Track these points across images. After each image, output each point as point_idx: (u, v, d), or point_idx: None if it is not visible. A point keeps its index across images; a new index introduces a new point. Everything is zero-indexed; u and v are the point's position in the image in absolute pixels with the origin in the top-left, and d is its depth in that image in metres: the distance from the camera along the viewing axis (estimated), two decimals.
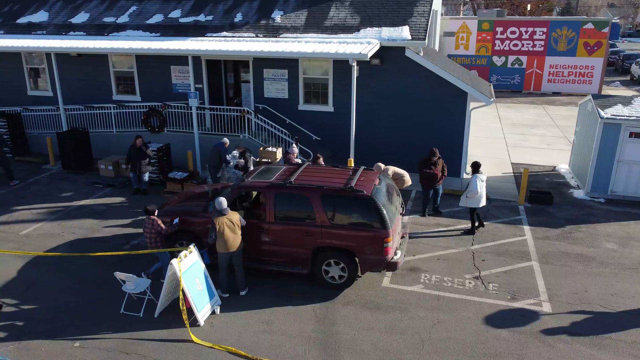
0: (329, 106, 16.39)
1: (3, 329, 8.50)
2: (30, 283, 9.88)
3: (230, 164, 13.74)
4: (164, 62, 17.47)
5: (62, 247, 11.33)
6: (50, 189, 14.89)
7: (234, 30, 16.55)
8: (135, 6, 18.52)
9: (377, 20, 15.75)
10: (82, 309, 9.04)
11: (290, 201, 9.51)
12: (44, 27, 18.54)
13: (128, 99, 18.22)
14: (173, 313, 8.84)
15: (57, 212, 13.23)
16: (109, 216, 13.03)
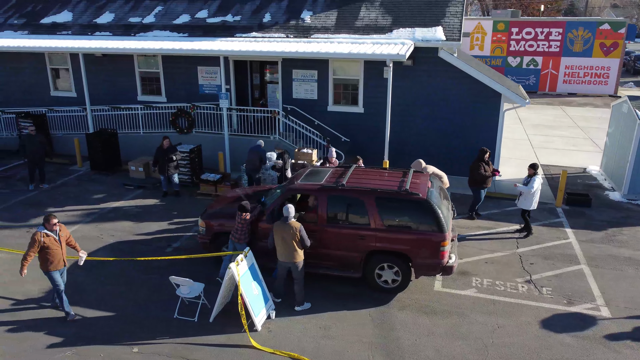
0: (359, 107, 16.26)
1: (59, 334, 8.36)
2: (78, 287, 9.73)
3: (267, 165, 13.62)
4: (190, 63, 17.34)
5: (103, 250, 11.19)
6: (80, 190, 14.75)
7: (263, 31, 16.42)
8: (160, 6, 18.39)
9: (409, 21, 15.62)
10: (135, 313, 8.90)
11: (343, 204, 9.39)
12: (68, 28, 18.40)
13: (153, 100, 18.08)
14: (227, 318, 8.71)
15: (92, 214, 13.09)
16: (145, 218, 12.89)
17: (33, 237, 8.20)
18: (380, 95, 15.81)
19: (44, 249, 8.24)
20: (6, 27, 19.11)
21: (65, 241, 8.58)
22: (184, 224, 12.57)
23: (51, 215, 8.33)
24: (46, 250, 8.26)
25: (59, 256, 8.41)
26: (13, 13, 19.73)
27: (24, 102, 19.41)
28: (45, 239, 8.23)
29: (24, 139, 14.11)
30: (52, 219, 8.30)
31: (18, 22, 19.21)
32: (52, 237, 8.31)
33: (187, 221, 12.70)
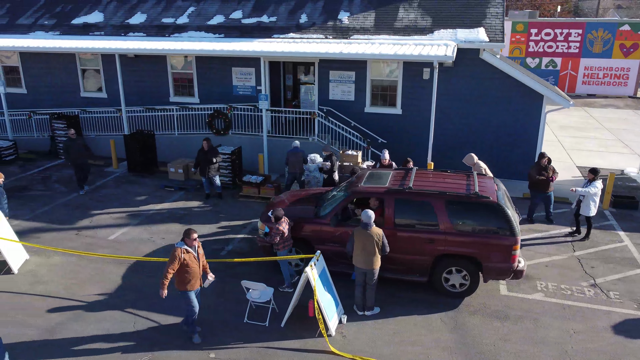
0: (397, 108, 16.17)
1: (132, 339, 8.26)
2: (141, 291, 9.63)
3: (309, 166, 13.55)
4: (225, 64, 17.23)
5: (158, 253, 11.09)
6: (121, 192, 14.64)
7: (301, 32, 16.32)
8: (193, 7, 18.29)
9: (449, 22, 15.54)
10: (206, 318, 8.79)
11: (411, 207, 9.29)
12: (100, 28, 18.29)
13: (185, 101, 17.98)
14: (298, 322, 8.62)
15: (138, 217, 12.98)
16: (192, 221, 12.78)
17: (173, 253, 7.52)
18: (419, 97, 15.74)
19: (183, 266, 7.58)
20: (37, 27, 18.99)
21: (202, 259, 7.94)
22: (232, 226, 12.47)
23: (191, 230, 7.64)
24: (185, 267, 7.60)
25: (196, 275, 7.74)
26: (42, 14, 19.61)
27: (54, 103, 19.30)
28: (185, 255, 7.57)
29: (66, 143, 13.98)
30: (192, 233, 7.61)
31: (49, 22, 19.10)
32: (191, 253, 7.68)
33: (235, 224, 12.59)
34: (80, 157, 14.00)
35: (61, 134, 17.53)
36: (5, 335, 8.35)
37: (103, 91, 18.91)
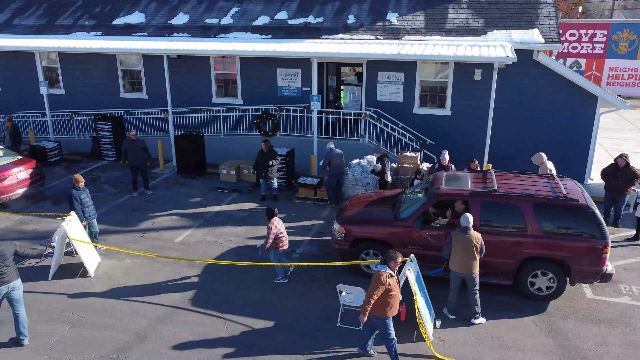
0: (446, 110, 16.08)
1: (230, 344, 8.17)
2: (223, 294, 9.54)
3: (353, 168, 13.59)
4: (270, 65, 17.16)
5: (229, 256, 11.00)
6: (173, 194, 14.55)
7: (350, 33, 16.24)
8: (236, 7, 18.21)
9: (502, 23, 15.46)
10: (295, 322, 8.71)
11: (496, 210, 9.21)
12: (143, 29, 18.20)
13: (228, 102, 17.90)
14: (396, 327, 8.49)
15: (198, 219, 12.89)
16: (253, 222, 12.71)
17: (378, 278, 7.09)
18: (470, 98, 15.67)
19: (387, 291, 7.16)
20: (77, 28, 18.91)
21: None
22: (296, 227, 12.38)
23: (397, 254, 7.27)
24: (388, 292, 7.19)
25: (398, 300, 7.38)
26: (81, 14, 19.53)
27: (92, 103, 19.21)
28: (390, 279, 7.18)
29: (126, 144, 13.88)
30: (398, 257, 7.25)
31: (89, 23, 19.02)
32: (395, 277, 7.30)
33: (297, 225, 12.51)
34: (138, 160, 13.90)
35: (105, 135, 17.44)
36: (102, 338, 8.26)
37: (143, 92, 18.83)
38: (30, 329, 8.49)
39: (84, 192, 10.47)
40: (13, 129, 16.35)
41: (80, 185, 10.33)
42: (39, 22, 19.64)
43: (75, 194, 10.24)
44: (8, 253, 7.81)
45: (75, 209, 10.21)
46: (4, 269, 7.74)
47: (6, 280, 7.78)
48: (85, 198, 10.41)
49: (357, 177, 13.75)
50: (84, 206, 10.39)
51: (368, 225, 9.86)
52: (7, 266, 7.77)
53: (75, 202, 10.21)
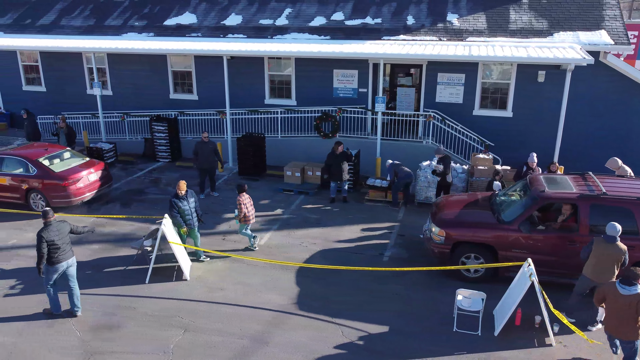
0: (507, 111, 15.99)
1: (348, 348, 8.06)
2: (325, 298, 9.43)
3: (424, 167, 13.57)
4: (326, 66, 17.06)
5: (319, 259, 10.89)
6: (234, 196, 14.37)
7: (411, 34, 16.16)
8: (289, 8, 18.12)
9: (566, 24, 15.38)
10: (408, 327, 8.61)
11: (606, 213, 9.09)
12: (195, 29, 18.11)
13: (281, 103, 17.81)
14: (504, 331, 8.40)
15: (273, 221, 12.79)
16: (330, 224, 12.61)
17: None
18: (532, 99, 15.58)
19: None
20: (127, 28, 18.82)
21: None
22: (373, 229, 12.28)
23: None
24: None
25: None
26: (130, 15, 19.43)
27: (140, 104, 19.11)
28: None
29: (197, 146, 13.76)
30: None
31: (139, 24, 18.92)
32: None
33: (375, 227, 12.40)
34: (208, 162, 13.79)
35: (161, 136, 17.33)
36: (219, 343, 8.15)
37: (194, 93, 18.73)
38: (145, 333, 8.40)
39: (186, 199, 10.13)
40: (68, 129, 16.22)
41: (181, 193, 10.06)
42: (87, 22, 19.55)
43: (175, 201, 10.01)
44: (66, 230, 8.47)
45: (173, 216, 10.01)
46: (64, 246, 8.40)
47: (66, 257, 8.47)
48: (186, 205, 10.11)
49: (429, 179, 13.64)
50: (184, 214, 10.10)
51: (470, 228, 9.76)
52: (65, 243, 8.43)
53: (172, 208, 10.00)
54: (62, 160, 13.63)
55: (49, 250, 8.24)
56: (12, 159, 13.33)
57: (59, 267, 8.43)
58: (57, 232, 8.32)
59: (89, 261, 10.78)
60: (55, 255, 8.31)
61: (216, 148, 13.87)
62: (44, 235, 8.19)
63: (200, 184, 14.19)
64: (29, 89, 20.81)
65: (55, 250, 8.29)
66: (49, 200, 12.97)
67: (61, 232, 8.38)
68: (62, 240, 8.37)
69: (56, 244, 8.27)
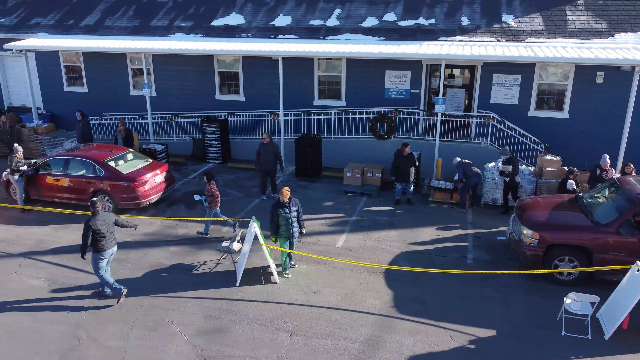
0: (563, 113, 15.94)
1: (461, 352, 7.99)
2: (422, 302, 9.36)
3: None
4: (378, 67, 17.00)
5: (402, 261, 10.83)
6: (302, 197, 14.35)
7: (468, 34, 16.10)
8: (338, 9, 18.05)
9: (626, 25, 15.33)
10: (515, 330, 8.55)
11: None
12: (245, 30, 18.03)
13: (331, 104, 17.74)
14: (618, 335, 8.34)
15: (344, 223, 12.73)
16: (402, 226, 12.57)
17: None
18: (589, 101, 15.52)
19: None
20: (175, 29, 18.73)
21: None
22: (449, 232, 12.22)
23: None
24: None
25: None
26: (175, 16, 19.34)
27: (184, 105, 19.03)
28: None
29: (259, 148, 13.67)
30: None
31: (186, 24, 18.84)
32: None
33: (450, 229, 12.35)
34: (269, 163, 13.67)
35: (212, 137, 17.25)
36: (332, 347, 8.07)
37: (240, 94, 18.66)
38: (253, 337, 8.32)
39: (288, 207, 9.78)
40: (126, 132, 16.13)
41: (284, 200, 9.76)
42: (132, 23, 19.45)
43: (275, 208, 9.78)
44: (111, 221, 9.13)
45: (270, 224, 9.80)
46: (109, 235, 9.01)
47: (111, 245, 9.08)
48: (287, 214, 9.86)
49: (497, 181, 13.58)
50: (285, 222, 9.76)
51: (566, 231, 9.69)
52: (110, 232, 9.04)
53: (272, 216, 9.73)
54: (126, 161, 13.55)
55: (96, 238, 8.81)
56: (78, 161, 13.25)
57: (105, 254, 9.00)
58: (103, 222, 8.89)
59: (174, 264, 10.70)
60: (101, 243, 8.87)
61: (277, 150, 13.77)
62: (91, 224, 8.76)
63: (262, 186, 14.11)
64: (70, 90, 20.71)
65: (102, 239, 8.86)
66: (117, 201, 12.88)
67: (107, 222, 8.98)
68: (108, 230, 8.95)
69: (102, 233, 8.83)
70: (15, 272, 10.37)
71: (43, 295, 9.53)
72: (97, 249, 8.91)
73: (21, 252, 11.22)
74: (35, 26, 20.33)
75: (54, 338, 8.31)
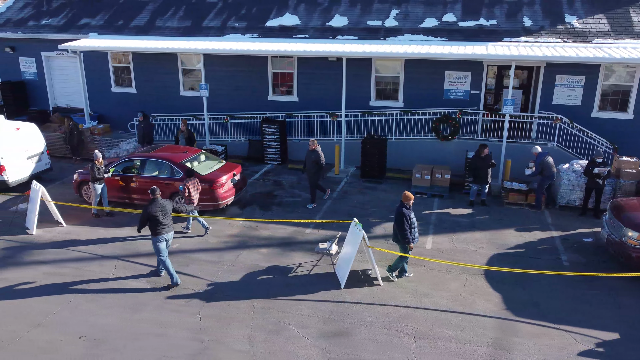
0: (628, 114, 15.89)
1: (592, 356, 7.93)
2: (536, 305, 9.30)
3: None
4: (437, 68, 16.94)
5: (497, 262, 10.78)
6: (370, 199, 14.35)
7: (532, 35, 16.06)
8: (395, 9, 18.01)
9: None
10: (636, 332, 8.47)
11: None
12: (301, 31, 17.97)
13: (387, 105, 17.69)
14: None
15: (426, 225, 12.67)
16: (485, 228, 12.52)
17: None
18: None
19: None
20: (229, 30, 18.68)
21: None
22: (533, 233, 12.15)
23: None
24: None
25: None
26: (228, 16, 19.29)
27: (234, 106, 18.94)
28: None
29: (306, 154, 13.44)
30: None
31: (239, 25, 18.79)
32: None
33: (532, 230, 12.29)
34: (309, 171, 13.39)
35: (271, 138, 17.19)
36: (461, 351, 8.01)
37: (294, 95, 18.60)
38: (378, 340, 8.26)
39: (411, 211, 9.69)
40: (189, 133, 16.06)
41: (410, 204, 9.69)
42: (183, 24, 19.39)
43: (407, 212, 9.66)
44: (169, 209, 9.75)
45: (404, 230, 9.61)
46: (166, 221, 9.61)
47: (167, 231, 9.67)
48: (414, 218, 9.67)
49: (574, 182, 13.53)
50: (412, 226, 9.68)
51: None
52: (168, 219, 9.64)
53: (405, 221, 9.64)
54: (200, 163, 13.48)
55: (154, 223, 9.43)
56: (155, 162, 13.18)
57: (161, 238, 9.59)
58: (161, 209, 9.53)
59: (270, 266, 10.63)
60: (158, 228, 9.49)
61: (318, 159, 13.17)
62: (149, 210, 9.42)
63: (315, 189, 13.82)
64: (118, 90, 20.65)
65: (158, 224, 9.47)
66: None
67: (165, 209, 9.61)
68: (165, 217, 9.56)
69: (159, 219, 9.45)
70: (112, 274, 10.30)
71: (150, 298, 9.45)
72: (154, 232, 9.51)
73: (114, 254, 11.15)
74: (84, 27, 20.27)
75: (177, 341, 8.24)
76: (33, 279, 10.14)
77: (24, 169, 14.76)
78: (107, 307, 9.19)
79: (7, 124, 14.76)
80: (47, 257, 11.03)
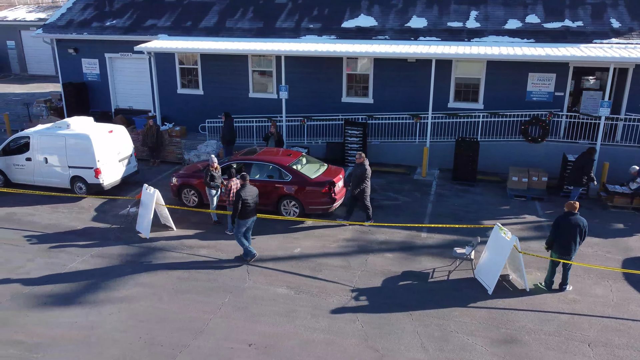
0: None
1: None
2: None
3: None
4: (520, 69, 16.80)
5: (633, 267, 10.60)
6: (468, 202, 14.21)
7: (622, 37, 15.98)
8: (474, 10, 17.87)
9: None
10: None
11: None
12: (379, 32, 17.83)
13: (466, 107, 17.55)
14: None
15: (538, 228, 12.56)
16: (597, 231, 12.33)
17: None
18: None
19: None
20: (304, 31, 18.54)
21: None
22: None
23: None
24: None
25: None
26: (300, 17, 19.13)
27: (307, 108, 18.78)
28: None
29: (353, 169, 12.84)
30: None
31: (314, 26, 18.65)
32: None
33: None
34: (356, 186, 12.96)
35: (353, 141, 17.05)
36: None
37: (369, 96, 18.47)
38: (548, 347, 8.09)
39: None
40: (278, 136, 15.90)
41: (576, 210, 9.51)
42: (254, 25, 19.25)
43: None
44: (255, 193, 10.59)
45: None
46: (252, 206, 10.47)
47: (252, 214, 10.59)
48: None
49: None
50: None
51: None
52: (254, 203, 10.50)
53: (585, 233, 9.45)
54: (302, 166, 13.32)
55: (244, 206, 10.22)
56: (261, 165, 13.03)
57: (247, 221, 10.52)
58: (250, 194, 10.35)
59: (405, 272, 10.47)
60: (246, 212, 10.35)
61: (363, 173, 12.25)
62: (242, 194, 10.19)
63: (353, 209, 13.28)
64: (184, 92, 20.51)
65: (246, 208, 10.31)
66: (305, 206, 12.67)
67: (253, 194, 10.44)
68: (252, 201, 10.40)
69: (248, 203, 10.29)
70: (250, 280, 10.14)
71: (297, 305, 9.29)
72: (242, 215, 10.34)
73: (239, 260, 11.00)
74: (151, 28, 20.12)
75: (351, 349, 8.08)
76: (170, 284, 9.98)
77: (116, 172, 14.62)
78: (258, 314, 9.04)
79: (101, 126, 14.62)
80: (172, 261, 10.87)
